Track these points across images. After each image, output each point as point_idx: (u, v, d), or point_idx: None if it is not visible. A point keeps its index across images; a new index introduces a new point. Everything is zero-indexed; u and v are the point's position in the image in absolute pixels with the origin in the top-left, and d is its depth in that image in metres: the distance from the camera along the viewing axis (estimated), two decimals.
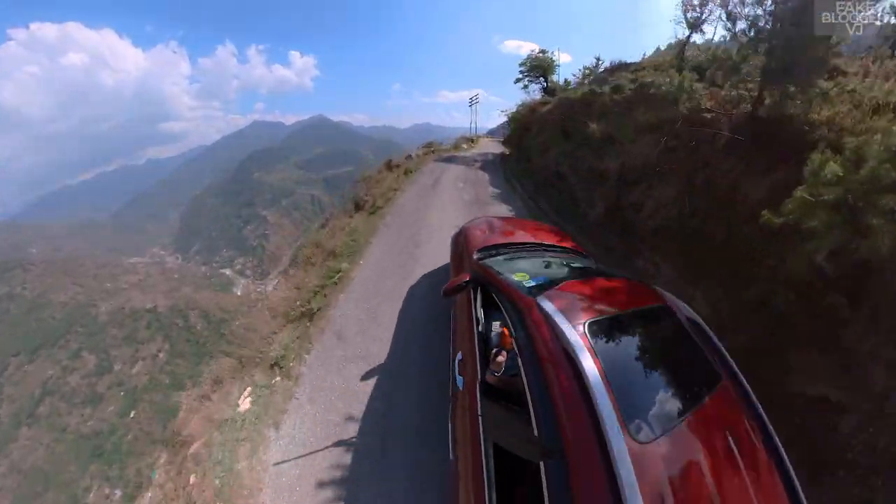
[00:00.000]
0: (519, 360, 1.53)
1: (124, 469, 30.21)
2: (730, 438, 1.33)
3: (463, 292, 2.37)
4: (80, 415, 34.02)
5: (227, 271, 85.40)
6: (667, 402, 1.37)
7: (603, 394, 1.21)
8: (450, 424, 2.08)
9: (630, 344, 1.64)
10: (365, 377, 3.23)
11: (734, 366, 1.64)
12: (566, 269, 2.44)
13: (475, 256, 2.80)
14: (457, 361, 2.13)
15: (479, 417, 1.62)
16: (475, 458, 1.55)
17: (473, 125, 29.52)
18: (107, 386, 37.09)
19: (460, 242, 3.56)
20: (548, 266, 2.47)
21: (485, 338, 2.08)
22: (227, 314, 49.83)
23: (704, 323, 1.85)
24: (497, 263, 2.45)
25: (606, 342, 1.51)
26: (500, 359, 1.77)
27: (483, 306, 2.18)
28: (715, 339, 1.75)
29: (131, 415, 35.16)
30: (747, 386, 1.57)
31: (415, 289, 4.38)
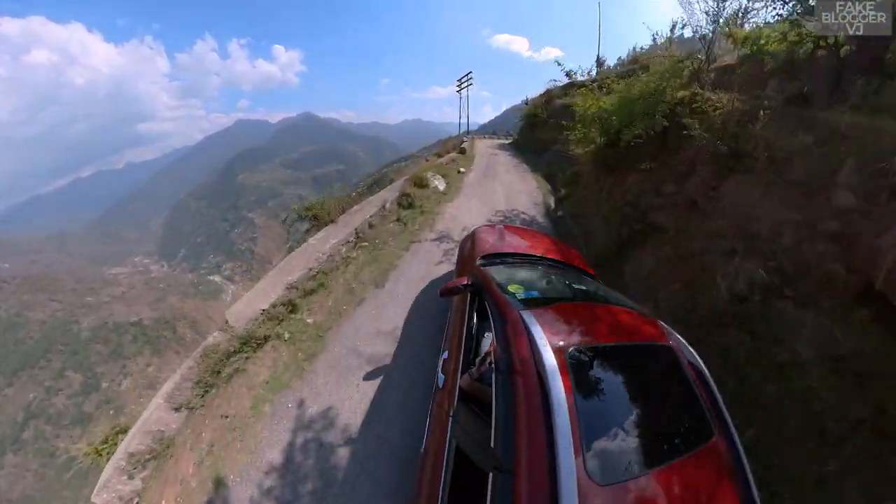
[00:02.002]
0: (493, 369, 1.51)
1: None
2: (704, 500, 1.26)
3: (461, 295, 2.39)
4: (68, 437, 33.00)
5: (216, 278, 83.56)
6: (642, 448, 1.30)
7: (565, 423, 1.17)
8: (428, 418, 2.11)
9: (616, 379, 1.54)
10: None
11: (731, 424, 1.54)
12: (567, 289, 2.35)
13: (478, 262, 2.80)
14: (441, 359, 2.16)
15: (450, 418, 1.64)
16: (438, 454, 1.57)
17: (465, 120, 22.30)
18: (95, 405, 36.05)
19: (467, 246, 3.58)
20: (549, 282, 2.39)
21: (476, 343, 2.09)
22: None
23: (708, 372, 1.73)
24: (497, 271, 2.42)
25: (588, 372, 1.45)
26: (483, 367, 1.74)
27: (483, 312, 2.19)
28: (716, 390, 1.65)
29: None
30: (741, 449, 1.46)
31: None
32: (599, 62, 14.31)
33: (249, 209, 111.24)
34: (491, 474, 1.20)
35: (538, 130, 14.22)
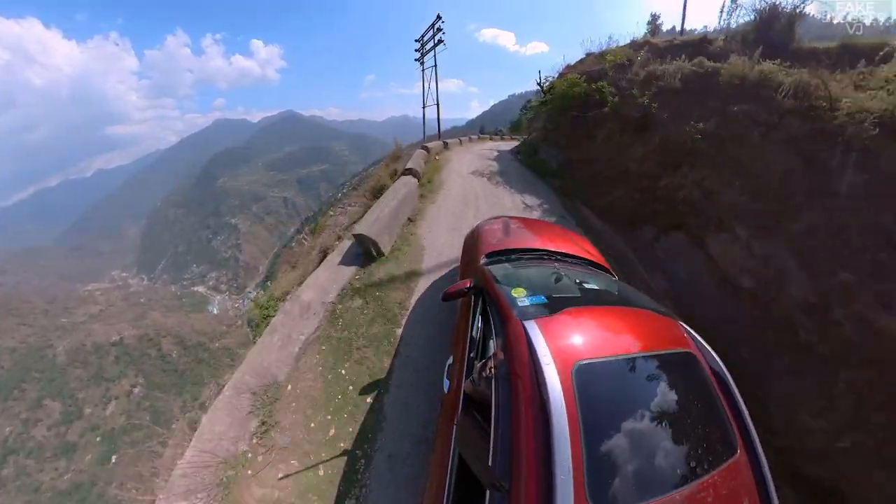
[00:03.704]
0: (493, 380, 1.48)
1: None
2: None
3: (465, 297, 2.35)
4: (53, 470, 31.70)
5: (200, 289, 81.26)
6: (656, 470, 1.25)
7: (565, 445, 1.15)
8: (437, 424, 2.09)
9: (630, 394, 1.46)
10: None
11: (755, 438, 1.46)
12: (577, 290, 2.16)
13: (482, 261, 2.70)
14: (447, 365, 2.18)
15: (455, 426, 1.63)
16: (443, 462, 1.56)
17: (433, 107, 13.98)
18: (79, 433, 34.68)
19: (471, 243, 3.42)
20: (558, 281, 2.22)
21: (482, 345, 2.02)
22: (204, 336, 47.45)
23: (732, 380, 1.64)
24: (501, 271, 2.30)
25: (597, 387, 1.38)
26: (485, 372, 1.64)
27: (487, 314, 2.11)
28: (740, 401, 1.57)
29: (113, 460, 33.22)
30: (765, 465, 1.40)
31: None
32: (655, 27, 9.55)
33: (232, 214, 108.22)
34: (488, 492, 1.20)
35: (603, 139, 6.47)
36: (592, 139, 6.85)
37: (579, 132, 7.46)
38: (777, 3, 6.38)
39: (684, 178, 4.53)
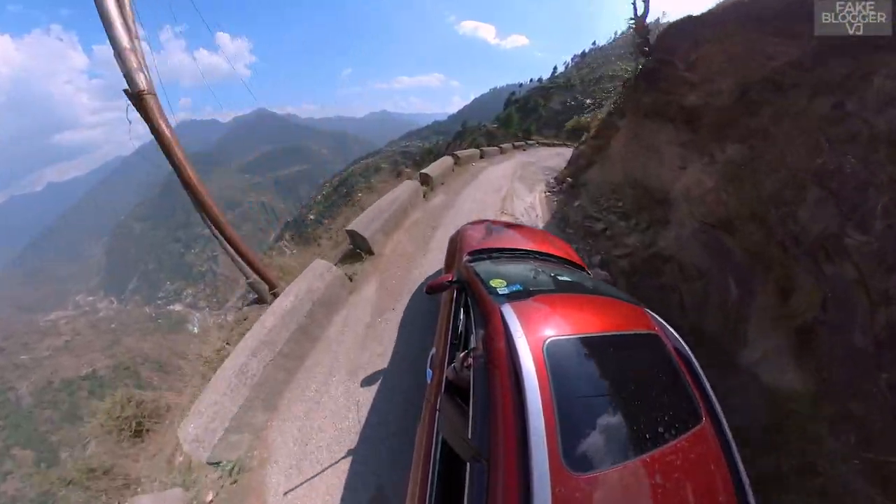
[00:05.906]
0: (472, 361, 1.62)
1: None
2: (690, 488, 1.31)
3: (448, 291, 2.54)
4: None
5: (177, 307, 78.14)
6: (625, 436, 1.35)
7: (537, 413, 1.24)
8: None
9: (599, 368, 1.58)
10: None
11: (718, 409, 1.62)
12: (551, 281, 2.38)
13: (465, 259, 2.92)
14: (430, 356, 2.38)
15: (437, 411, 1.74)
16: (427, 448, 1.67)
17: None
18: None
19: (455, 244, 3.73)
20: (534, 275, 2.44)
21: (464, 338, 2.14)
22: (187, 358, 45.52)
23: (694, 357, 1.82)
24: (482, 267, 2.49)
25: (568, 363, 1.50)
26: (467, 361, 1.77)
27: (469, 308, 2.28)
28: (703, 376, 1.74)
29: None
30: (729, 433, 1.55)
31: None
32: None
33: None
34: (468, 464, 1.27)
35: None
36: None
37: None
38: None
39: None
